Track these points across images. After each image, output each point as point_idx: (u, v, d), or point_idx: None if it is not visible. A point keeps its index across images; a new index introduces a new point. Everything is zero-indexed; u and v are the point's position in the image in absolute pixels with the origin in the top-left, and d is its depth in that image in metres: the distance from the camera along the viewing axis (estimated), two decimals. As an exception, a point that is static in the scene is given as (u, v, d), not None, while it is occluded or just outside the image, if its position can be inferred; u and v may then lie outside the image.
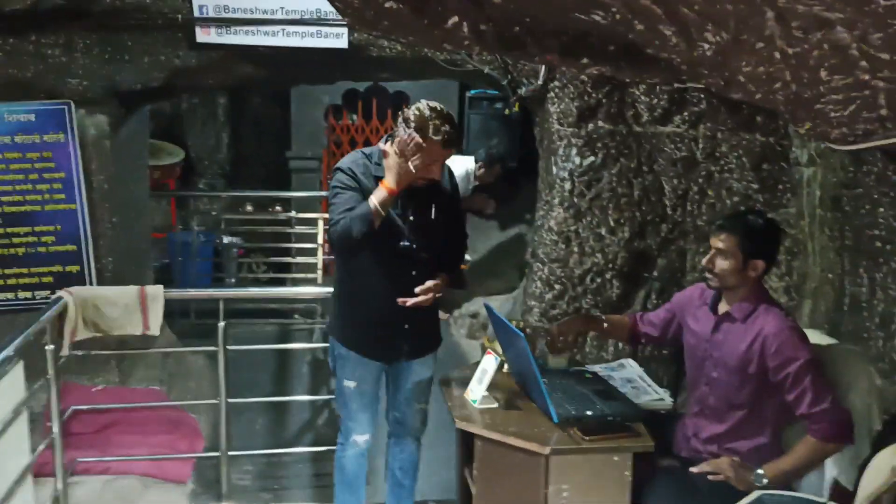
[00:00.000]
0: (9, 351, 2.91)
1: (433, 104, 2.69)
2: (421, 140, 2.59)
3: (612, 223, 3.69)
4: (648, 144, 3.64)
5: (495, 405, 2.63)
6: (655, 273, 3.79)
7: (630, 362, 3.59)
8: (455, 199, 3.02)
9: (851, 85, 1.03)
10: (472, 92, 7.00)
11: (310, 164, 7.39)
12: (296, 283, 7.01)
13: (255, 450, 4.21)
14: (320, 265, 6.62)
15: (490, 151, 5.69)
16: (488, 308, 2.83)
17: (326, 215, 6.51)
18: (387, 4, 1.77)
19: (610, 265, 3.75)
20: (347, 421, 3.05)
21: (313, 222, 6.74)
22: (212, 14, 3.77)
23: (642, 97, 3.53)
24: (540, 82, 3.59)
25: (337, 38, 3.86)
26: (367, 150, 2.87)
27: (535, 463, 2.38)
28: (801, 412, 2.42)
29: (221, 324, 3.61)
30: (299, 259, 6.85)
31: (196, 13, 3.76)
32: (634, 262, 3.76)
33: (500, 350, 2.87)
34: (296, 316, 6.48)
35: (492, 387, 2.73)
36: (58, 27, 3.76)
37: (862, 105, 1.08)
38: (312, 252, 6.75)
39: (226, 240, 7.26)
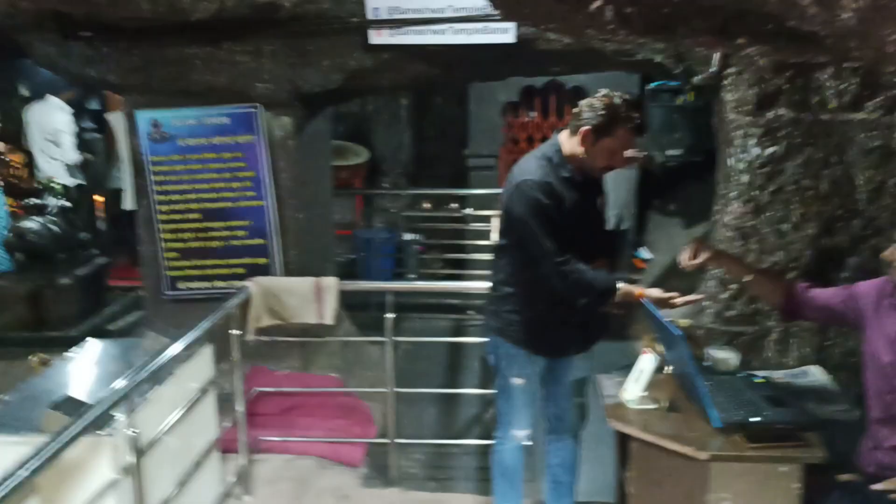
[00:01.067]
0: (199, 334, 3.18)
1: (619, 93, 2.66)
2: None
3: (795, 219, 3.42)
4: (837, 133, 3.33)
5: (653, 406, 2.53)
6: (846, 274, 3.46)
7: (815, 369, 3.32)
8: (603, 191, 2.99)
9: None
10: (653, 84, 6.74)
11: (487, 162, 7.47)
12: (470, 278, 7.11)
13: (425, 439, 4.31)
14: (496, 261, 6.65)
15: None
16: (646, 305, 2.72)
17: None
18: (527, -9, 1.74)
19: (793, 264, 3.47)
20: (509, 416, 3.05)
21: (487, 219, 6.80)
22: (384, 16, 3.90)
23: (829, 82, 3.24)
24: (714, 69, 3.39)
25: (504, 33, 3.87)
26: (543, 152, 2.81)
27: (694, 469, 2.26)
28: None
29: (390, 316, 3.72)
30: (474, 255, 6.95)
31: (369, 15, 3.91)
32: (822, 262, 3.46)
33: (660, 349, 2.75)
34: (469, 311, 6.57)
35: (653, 388, 2.63)
36: (247, 35, 4.05)
37: None
38: (487, 249, 6.80)
39: (406, 236, 7.50)
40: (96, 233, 7.49)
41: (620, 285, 2.68)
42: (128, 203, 4.47)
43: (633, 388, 2.57)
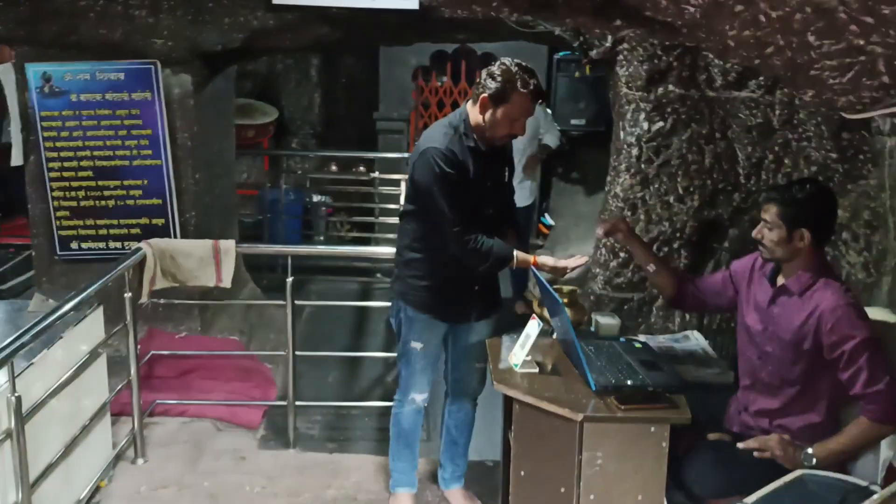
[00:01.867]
0: (88, 295, 3.12)
1: (517, 60, 2.72)
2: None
3: (680, 191, 3.59)
4: (722, 110, 3.49)
5: (536, 370, 2.64)
6: (726, 244, 3.66)
7: (695, 334, 3.51)
8: (512, 162, 3.05)
9: (845, 50, 0.97)
10: (560, 54, 6.86)
11: (396, 126, 7.46)
12: (378, 242, 7.15)
13: (327, 401, 4.36)
14: (403, 225, 6.70)
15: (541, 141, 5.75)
16: (534, 272, 2.83)
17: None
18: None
19: (678, 234, 3.65)
20: (408, 379, 3.13)
21: (396, 183, 6.83)
22: (287, -24, 3.84)
23: (716, 60, 3.39)
24: (608, 44, 3.49)
25: (408, 0, 3.86)
26: (450, 120, 2.85)
27: (569, 429, 2.38)
28: (856, 392, 2.33)
29: (290, 279, 3.73)
30: (382, 219, 6.98)
31: (273, -26, 3.84)
32: (704, 232, 3.65)
33: (546, 315, 2.87)
34: (378, 275, 6.62)
35: (538, 352, 2.73)
36: (144, -11, 3.92)
37: (861, 72, 1.01)
38: (395, 213, 6.84)
39: (315, 198, 7.46)
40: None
41: (516, 253, 2.78)
42: (16, 159, 4.28)
43: (519, 352, 2.67)
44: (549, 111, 5.95)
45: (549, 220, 7.76)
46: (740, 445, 2.49)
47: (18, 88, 4.22)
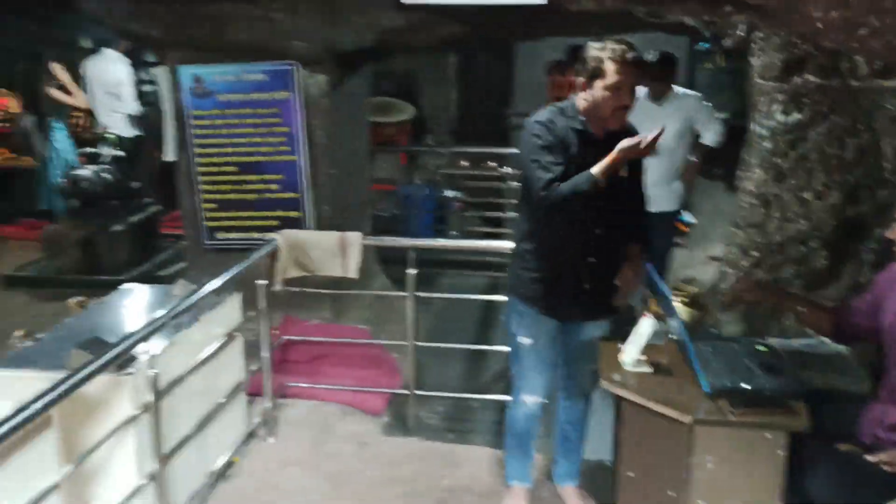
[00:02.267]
0: (225, 282, 3.34)
1: (611, 38, 2.69)
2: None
3: (819, 187, 3.38)
4: (867, 101, 3.25)
5: (648, 370, 2.57)
6: (871, 244, 3.42)
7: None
8: (639, 160, 2.93)
9: None
10: (701, 45, 6.61)
11: (531, 121, 7.44)
12: (508, 237, 7.16)
13: (447, 392, 4.43)
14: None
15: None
16: (649, 270, 2.75)
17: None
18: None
19: (816, 233, 3.44)
20: (519, 378, 3.11)
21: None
22: (416, -25, 3.92)
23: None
24: (741, 33, 3.33)
25: (535, -5, 3.85)
26: (559, 104, 2.84)
27: (679, 431, 2.32)
28: None
29: (412, 271, 3.82)
30: (512, 214, 6.98)
31: (401, -25, 3.94)
32: (845, 231, 3.41)
33: (662, 313, 2.79)
34: (506, 269, 6.63)
35: (653, 352, 2.67)
36: (283, -7, 4.13)
37: None
38: (527, 208, 6.84)
39: (447, 194, 7.57)
40: (153, 182, 7.77)
41: (594, 170, 2.62)
42: (169, 154, 4.63)
43: (631, 350, 2.62)
44: (706, 102, 5.05)
45: (688, 217, 7.49)
46: (870, 458, 2.34)
47: (172, 89, 4.55)
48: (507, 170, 7.06)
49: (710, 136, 4.88)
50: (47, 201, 7.07)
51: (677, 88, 4.84)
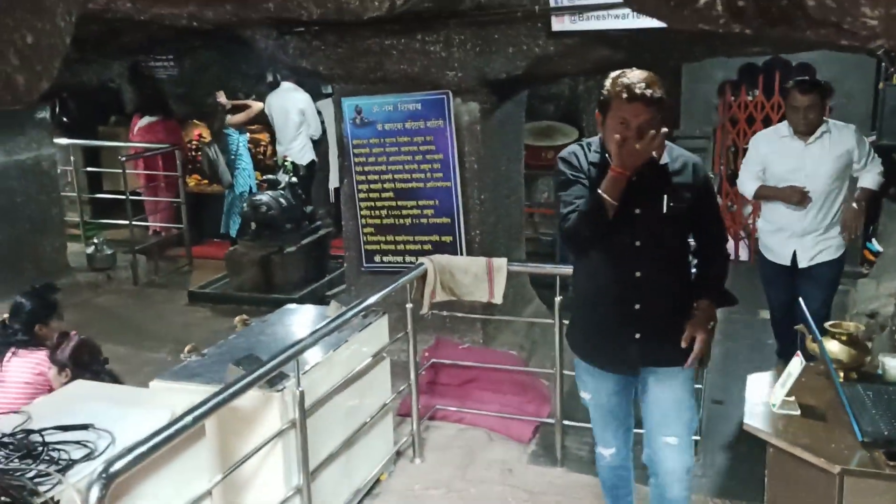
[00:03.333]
0: (373, 304, 3.48)
1: (634, 69, 2.52)
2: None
3: None
4: None
5: (797, 412, 2.40)
6: None
7: None
8: (704, 192, 2.62)
9: None
10: None
11: (698, 143, 7.17)
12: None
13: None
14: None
15: None
16: (799, 306, 2.57)
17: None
18: (632, -9, 1.77)
19: None
20: (594, 430, 2.92)
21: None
22: (566, 3, 3.93)
23: None
24: (918, 49, 3.06)
25: (688, 16, 3.73)
26: (586, 139, 2.72)
27: (827, 481, 2.14)
28: None
29: (558, 298, 3.79)
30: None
31: (552, 3, 3.96)
32: None
33: (818, 351, 2.59)
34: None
35: (806, 393, 2.49)
36: (439, 26, 4.26)
37: None
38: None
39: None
40: (328, 206, 8.22)
41: (600, 190, 2.41)
42: (332, 182, 4.90)
43: (779, 391, 2.46)
44: (866, 139, 4.31)
45: (876, 245, 6.91)
46: None
47: (336, 120, 4.82)
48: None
49: (870, 177, 4.13)
50: (226, 225, 7.71)
51: (830, 121, 4.07)
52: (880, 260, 6.81)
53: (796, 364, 2.45)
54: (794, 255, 4.10)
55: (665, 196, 2.49)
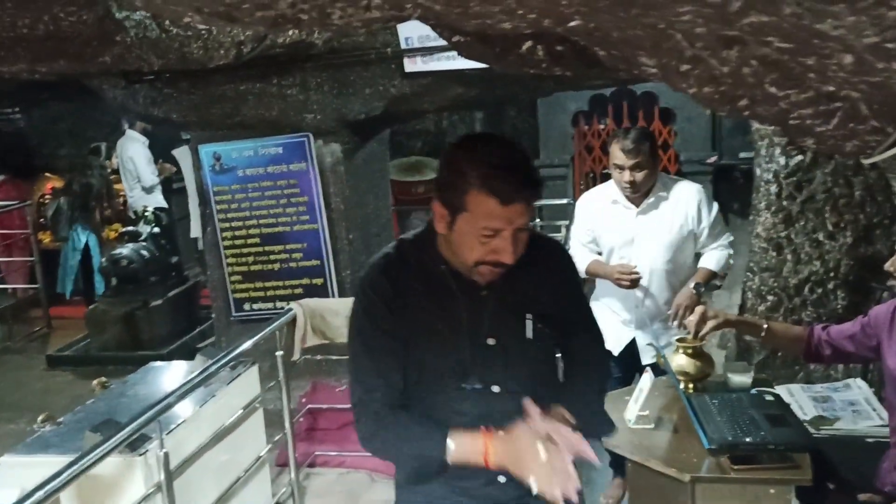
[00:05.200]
0: (234, 355, 3.39)
1: (486, 134, 2.06)
2: None
3: (830, 227, 3.32)
4: (870, 137, 3.21)
5: (650, 426, 2.53)
6: (889, 282, 3.32)
7: (859, 383, 3.22)
8: (568, 288, 1.89)
9: (815, 99, 0.89)
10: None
11: (557, 172, 7.48)
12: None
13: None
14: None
15: None
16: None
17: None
18: (454, 39, 1.84)
19: (831, 274, 3.37)
20: None
21: (557, 229, 6.83)
22: (416, 44, 4.03)
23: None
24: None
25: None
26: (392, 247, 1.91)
27: (681, 489, 2.26)
28: None
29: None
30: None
31: (402, 45, 4.05)
32: (861, 270, 3.34)
33: (669, 367, 2.74)
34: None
35: (658, 407, 2.63)
36: (294, 70, 4.27)
37: (845, 117, 0.92)
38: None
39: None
40: (190, 252, 7.99)
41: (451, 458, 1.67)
42: (194, 230, 4.78)
43: (632, 407, 2.58)
44: (714, 204, 3.25)
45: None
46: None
47: (194, 168, 4.72)
48: (538, 221, 7.09)
49: (714, 256, 3.25)
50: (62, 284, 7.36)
51: (669, 179, 3.29)
52: (732, 271, 7.28)
53: (646, 380, 2.58)
54: (633, 345, 3.28)
55: (529, 314, 1.77)
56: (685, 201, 3.17)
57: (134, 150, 7.27)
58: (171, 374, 3.69)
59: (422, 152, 8.37)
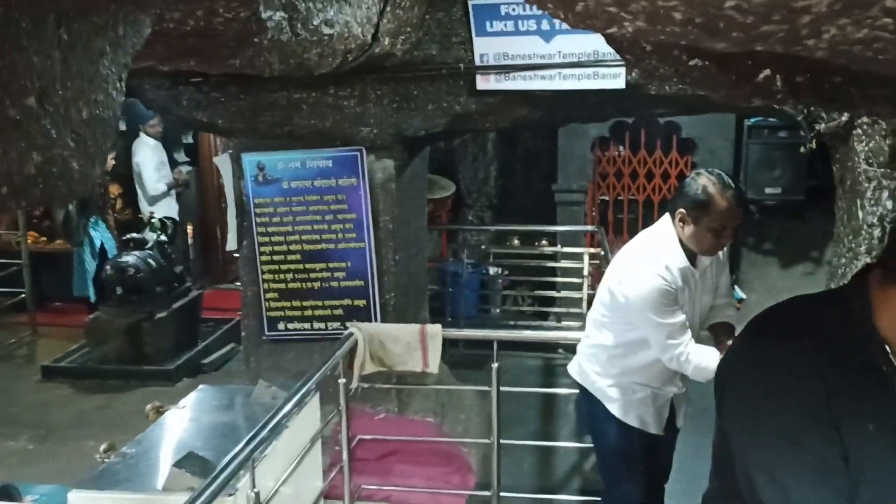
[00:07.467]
0: (310, 385, 3.16)
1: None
2: None
3: (931, 274, 3.22)
4: (981, 185, 3.13)
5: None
6: None
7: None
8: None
9: None
10: (752, 120, 6.54)
11: (575, 198, 7.33)
12: (559, 317, 7.01)
13: (522, 491, 4.20)
14: (585, 300, 6.54)
15: None
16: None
17: (591, 250, 6.27)
18: (691, 63, 1.68)
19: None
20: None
21: (578, 256, 6.70)
22: (492, 62, 3.86)
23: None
24: (844, 118, 3.23)
25: (614, 79, 3.78)
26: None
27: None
28: None
29: (495, 365, 3.65)
30: (564, 293, 6.85)
31: (477, 62, 3.88)
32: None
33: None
34: (560, 350, 6.44)
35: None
36: (355, 81, 4.06)
37: None
38: (577, 287, 6.71)
39: (491, 271, 7.46)
40: (188, 262, 7.67)
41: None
42: (231, 244, 4.51)
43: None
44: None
45: (739, 293, 7.34)
46: None
47: (234, 177, 4.45)
48: (559, 248, 6.96)
49: (731, 312, 3.08)
50: (82, 288, 6.96)
51: None
52: (744, 306, 7.24)
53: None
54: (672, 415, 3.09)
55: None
56: (723, 263, 3.01)
57: (143, 156, 6.94)
58: (227, 399, 3.43)
59: (431, 170, 8.15)
